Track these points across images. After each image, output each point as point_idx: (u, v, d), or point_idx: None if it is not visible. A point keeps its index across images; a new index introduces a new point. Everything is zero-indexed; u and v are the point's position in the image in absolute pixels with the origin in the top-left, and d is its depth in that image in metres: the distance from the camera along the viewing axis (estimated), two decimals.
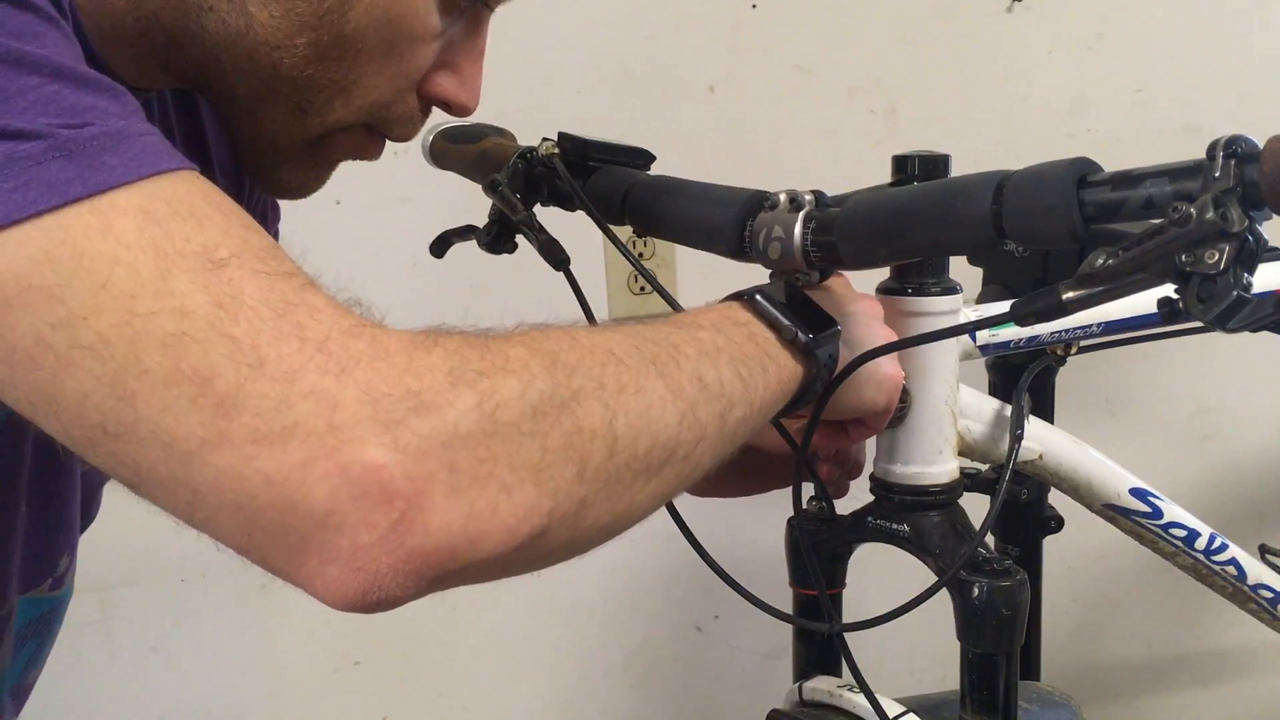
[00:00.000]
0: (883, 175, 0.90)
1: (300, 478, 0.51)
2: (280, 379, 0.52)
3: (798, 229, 0.80)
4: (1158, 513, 1.12)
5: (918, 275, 0.87)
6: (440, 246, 1.09)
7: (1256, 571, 1.22)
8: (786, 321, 0.75)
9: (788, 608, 0.98)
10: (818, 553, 0.96)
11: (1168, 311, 0.64)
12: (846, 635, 0.89)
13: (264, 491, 0.51)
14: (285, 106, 0.75)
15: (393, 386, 0.53)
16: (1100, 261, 0.65)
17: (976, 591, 0.86)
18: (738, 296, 0.77)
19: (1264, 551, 1.29)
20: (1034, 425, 1.04)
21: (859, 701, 0.93)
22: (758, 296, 0.76)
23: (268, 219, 1.01)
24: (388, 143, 1.50)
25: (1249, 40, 1.75)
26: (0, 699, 0.86)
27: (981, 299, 1.23)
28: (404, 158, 1.12)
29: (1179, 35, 1.73)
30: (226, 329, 0.52)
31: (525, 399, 0.55)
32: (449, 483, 0.52)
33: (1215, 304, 0.62)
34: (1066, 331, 1.07)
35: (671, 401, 0.63)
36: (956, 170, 0.85)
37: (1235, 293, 0.61)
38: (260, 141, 0.77)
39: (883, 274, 0.89)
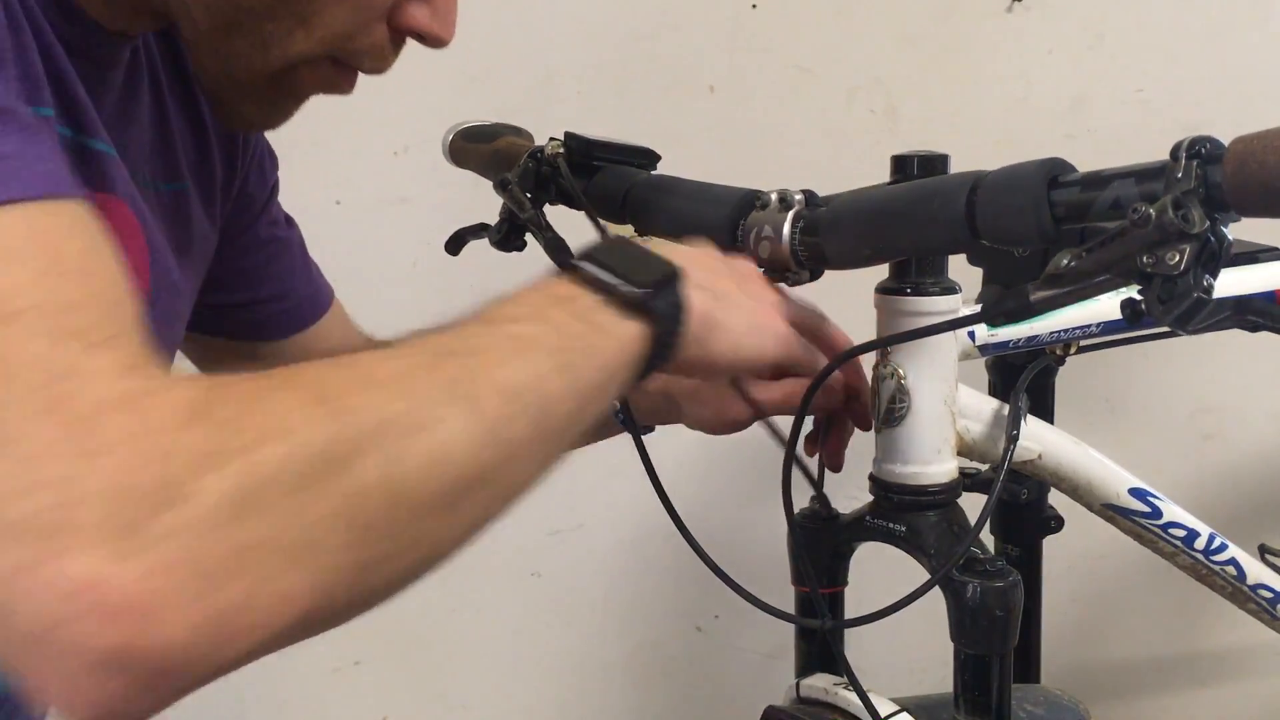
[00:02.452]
0: (883, 175, 0.90)
1: (13, 584, 0.46)
2: (23, 461, 0.48)
3: (786, 228, 0.81)
4: (1157, 513, 1.12)
5: (916, 275, 0.87)
6: (455, 244, 1.10)
7: (1256, 571, 1.22)
8: (615, 280, 0.69)
9: (789, 607, 0.98)
10: (818, 551, 0.96)
11: (1130, 313, 0.65)
12: (846, 633, 0.89)
13: None
14: (247, 39, 0.74)
15: (143, 476, 0.48)
16: (1065, 262, 0.66)
17: (969, 592, 0.86)
18: (563, 265, 0.72)
19: (1264, 551, 1.29)
20: (1033, 425, 1.04)
21: (854, 699, 0.93)
22: (584, 262, 0.71)
23: (265, 169, 1.01)
24: (388, 143, 1.51)
25: (1249, 40, 1.75)
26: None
27: (981, 299, 1.23)
28: (404, 158, 1.13)
29: (1179, 35, 1.73)
30: None
31: (288, 470, 0.51)
32: (194, 586, 0.48)
33: (1175, 305, 0.62)
34: (1066, 331, 1.07)
35: (469, 428, 0.57)
36: (957, 170, 0.85)
37: (1195, 294, 0.61)
38: (223, 76, 0.77)
39: (882, 274, 0.89)
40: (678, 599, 1.71)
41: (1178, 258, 0.61)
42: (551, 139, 1.00)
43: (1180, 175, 0.60)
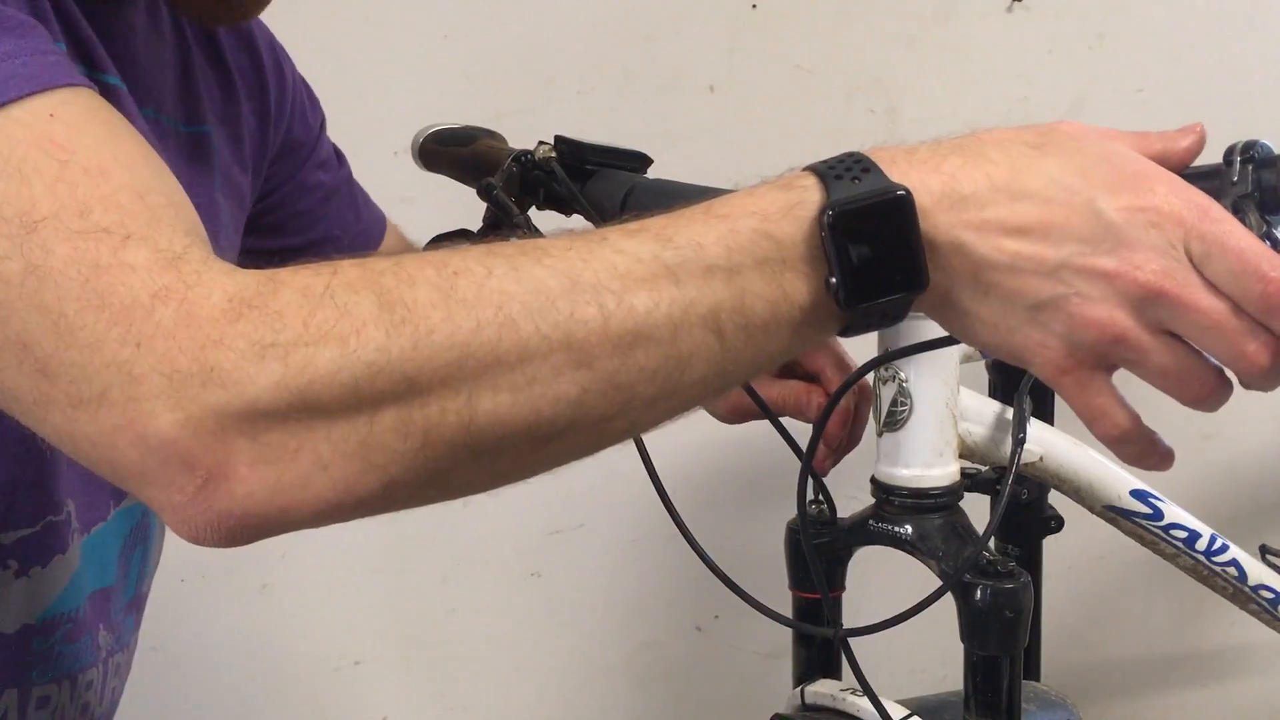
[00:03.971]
0: None
1: (112, 442, 0.52)
2: (85, 348, 0.52)
3: None
4: (1158, 514, 1.12)
5: None
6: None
7: (1257, 572, 1.22)
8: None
9: (787, 609, 0.98)
10: (819, 556, 0.96)
11: None
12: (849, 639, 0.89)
13: (90, 450, 0.54)
14: None
15: (190, 361, 0.51)
16: None
17: (980, 594, 0.86)
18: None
19: (1264, 552, 1.29)
20: (1035, 427, 1.04)
21: (862, 705, 0.93)
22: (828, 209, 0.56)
23: (308, 112, 1.01)
24: (388, 143, 1.50)
25: (1249, 40, 1.75)
26: (114, 614, 0.87)
27: None
28: (404, 157, 1.12)
29: (1179, 35, 1.73)
30: (37, 297, 0.53)
31: (343, 373, 0.51)
32: (253, 454, 0.51)
33: None
34: None
35: (572, 371, 0.52)
36: None
37: None
38: None
39: None
40: (678, 599, 1.70)
41: None
42: (540, 143, 0.99)
43: (1236, 179, 0.60)
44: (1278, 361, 0.56)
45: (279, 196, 0.99)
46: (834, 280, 0.55)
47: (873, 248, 0.55)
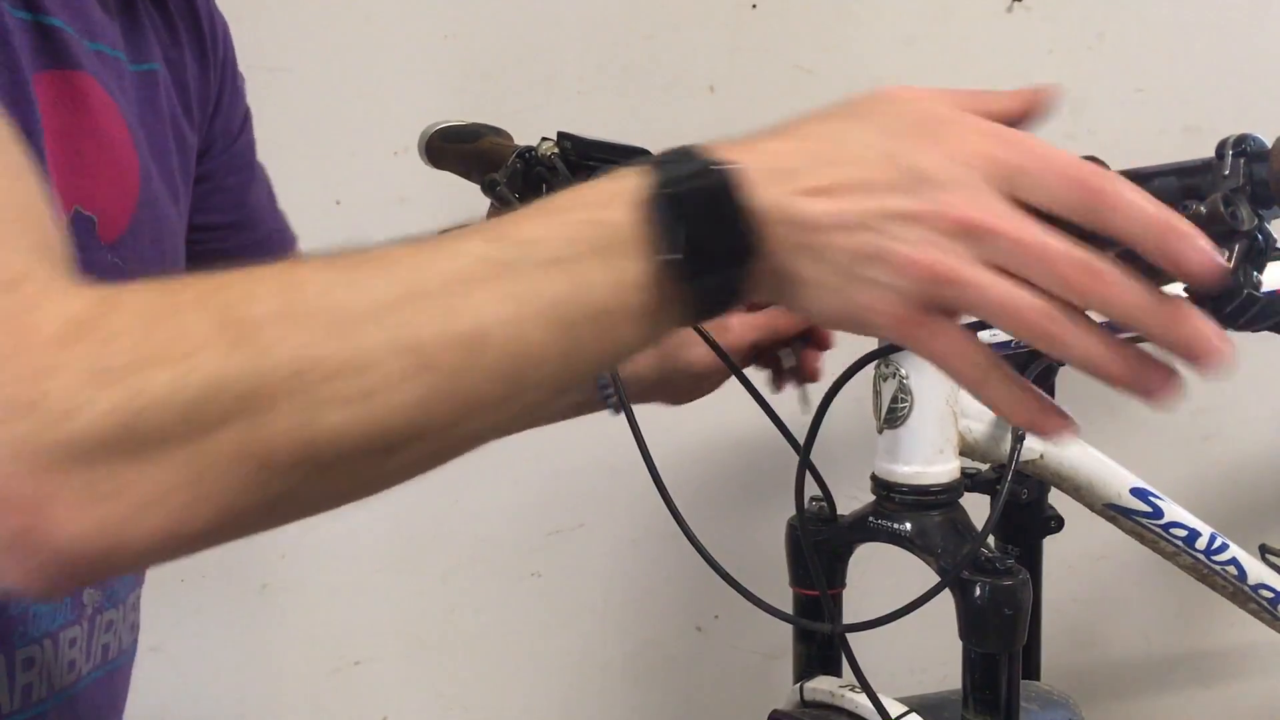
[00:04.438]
0: None
1: None
2: None
3: None
4: (1158, 512, 1.12)
5: None
6: None
7: (1257, 571, 1.22)
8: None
9: (788, 607, 0.98)
10: (819, 553, 0.96)
11: None
12: (848, 635, 0.89)
13: None
14: None
15: (22, 390, 0.48)
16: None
17: (979, 591, 0.86)
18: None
19: (1264, 551, 1.29)
20: None
21: (860, 701, 0.93)
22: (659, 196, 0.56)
23: (239, 85, 1.00)
24: (388, 143, 1.51)
25: (1249, 40, 1.75)
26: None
27: None
28: (404, 157, 1.12)
29: (1179, 35, 1.73)
30: None
31: (178, 397, 0.49)
32: (80, 493, 0.49)
33: (1225, 302, 0.62)
34: None
35: (415, 376, 0.52)
36: None
37: (1246, 291, 0.61)
38: None
39: None
40: (678, 599, 1.70)
41: (1227, 254, 0.61)
42: (544, 139, 0.99)
43: (1227, 173, 0.60)
44: (1105, 281, 0.55)
45: (213, 164, 0.98)
46: (666, 259, 0.55)
47: (700, 223, 0.55)
